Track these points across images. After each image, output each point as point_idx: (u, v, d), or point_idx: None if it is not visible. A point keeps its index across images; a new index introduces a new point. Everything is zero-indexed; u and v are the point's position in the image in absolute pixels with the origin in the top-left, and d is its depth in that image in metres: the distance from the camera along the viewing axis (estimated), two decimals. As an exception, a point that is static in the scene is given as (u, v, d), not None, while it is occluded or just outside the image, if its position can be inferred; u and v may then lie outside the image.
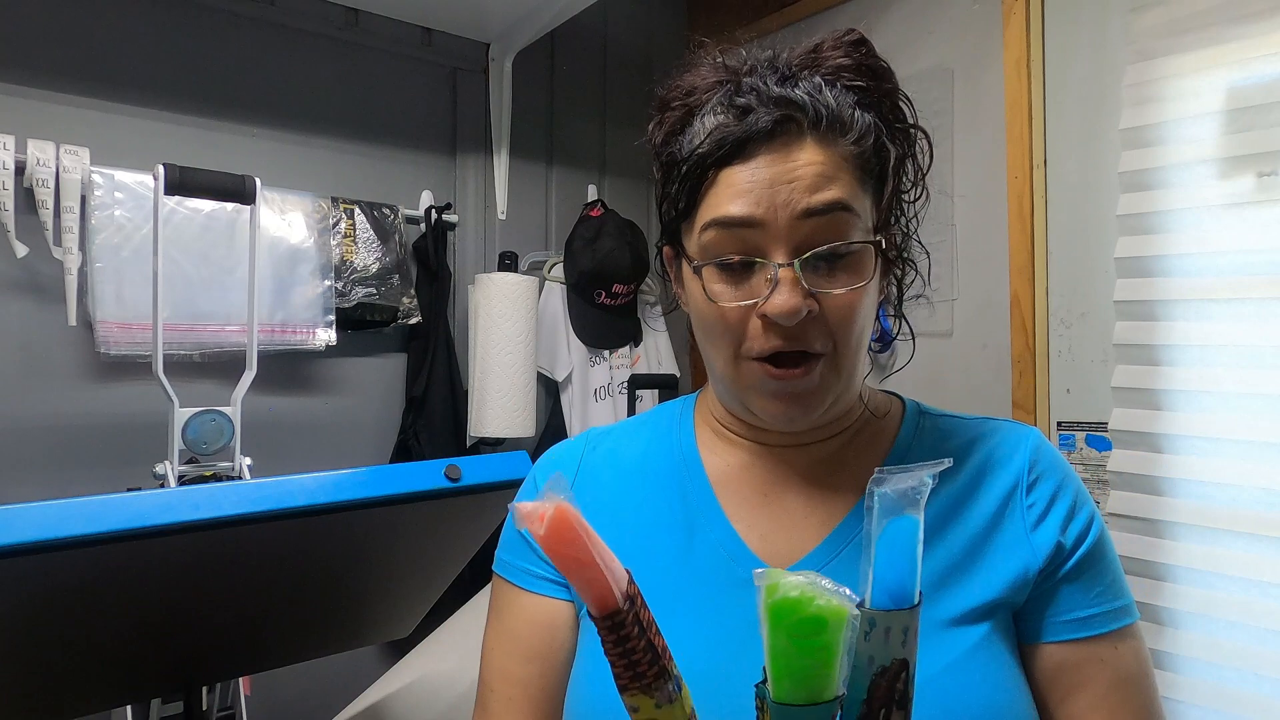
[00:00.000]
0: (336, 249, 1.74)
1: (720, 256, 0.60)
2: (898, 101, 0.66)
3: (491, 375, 1.81)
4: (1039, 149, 1.55)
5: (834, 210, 0.58)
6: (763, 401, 0.63)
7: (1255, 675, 1.25)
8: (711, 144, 0.60)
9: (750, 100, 0.60)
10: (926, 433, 0.70)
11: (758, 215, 0.58)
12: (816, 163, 0.59)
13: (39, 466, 1.49)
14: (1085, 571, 0.64)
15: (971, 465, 0.67)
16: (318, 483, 0.91)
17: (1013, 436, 0.69)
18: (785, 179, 0.58)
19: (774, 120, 0.59)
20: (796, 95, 0.60)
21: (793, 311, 0.57)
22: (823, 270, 0.59)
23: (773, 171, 0.58)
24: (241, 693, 1.36)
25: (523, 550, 0.72)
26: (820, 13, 1.95)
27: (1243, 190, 1.29)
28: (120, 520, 0.79)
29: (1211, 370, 1.32)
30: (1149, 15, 1.39)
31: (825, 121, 0.60)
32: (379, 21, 1.85)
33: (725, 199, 0.60)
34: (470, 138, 2.02)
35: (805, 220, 0.58)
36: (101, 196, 1.48)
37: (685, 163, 0.62)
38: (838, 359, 0.62)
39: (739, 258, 0.59)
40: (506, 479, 1.04)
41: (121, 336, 1.49)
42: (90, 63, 1.55)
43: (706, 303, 0.62)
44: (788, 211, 0.58)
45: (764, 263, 0.59)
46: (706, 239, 0.61)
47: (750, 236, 0.59)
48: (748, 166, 0.59)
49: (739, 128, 0.59)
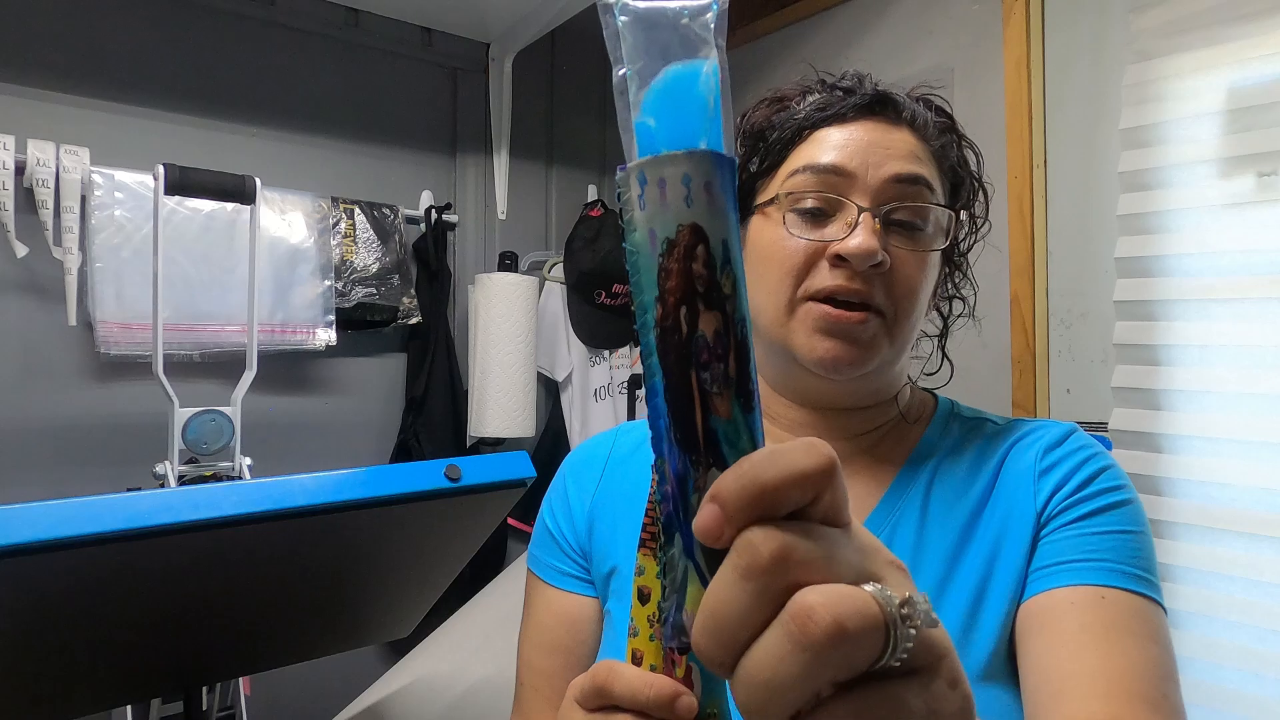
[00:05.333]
0: (336, 249, 1.74)
1: (806, 195, 0.62)
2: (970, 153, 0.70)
3: (491, 375, 1.81)
4: (1039, 149, 1.55)
5: (920, 183, 0.62)
6: (813, 340, 0.61)
7: (1255, 675, 1.25)
8: (813, 108, 0.64)
9: (852, 84, 0.66)
10: (955, 433, 0.68)
11: (850, 167, 0.61)
12: (910, 143, 0.63)
13: (39, 466, 1.49)
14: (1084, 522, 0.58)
15: (989, 468, 0.64)
16: (318, 483, 0.91)
17: (1037, 431, 0.66)
18: (880, 144, 0.62)
19: (874, 99, 0.64)
20: (896, 95, 0.65)
21: (869, 252, 0.58)
22: (897, 233, 0.62)
23: (870, 136, 0.62)
24: (241, 693, 1.36)
25: (551, 547, 0.74)
26: (821, 12, 1.95)
27: (1243, 190, 1.29)
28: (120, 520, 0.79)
29: (1212, 370, 1.32)
30: (1149, 15, 1.39)
31: (919, 122, 0.65)
32: (379, 21, 1.85)
33: (820, 150, 0.62)
34: (470, 138, 2.02)
35: (893, 184, 0.61)
36: (101, 196, 1.48)
37: (778, 128, 0.65)
38: (894, 325, 0.62)
39: (822, 199, 0.61)
40: (507, 479, 1.04)
41: (121, 336, 1.49)
42: (90, 63, 1.55)
43: (779, 239, 0.62)
44: (879, 171, 0.61)
45: (847, 204, 0.61)
46: (793, 182, 0.62)
47: (838, 184, 0.61)
48: (846, 128, 0.63)
49: (840, 96, 0.64)
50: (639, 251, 0.29)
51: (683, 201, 0.28)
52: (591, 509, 0.72)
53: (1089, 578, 0.56)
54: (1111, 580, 0.56)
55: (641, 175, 0.28)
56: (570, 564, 0.72)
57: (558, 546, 0.73)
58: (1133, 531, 0.59)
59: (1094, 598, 0.55)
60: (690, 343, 0.28)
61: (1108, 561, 0.56)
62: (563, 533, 0.73)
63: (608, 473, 0.73)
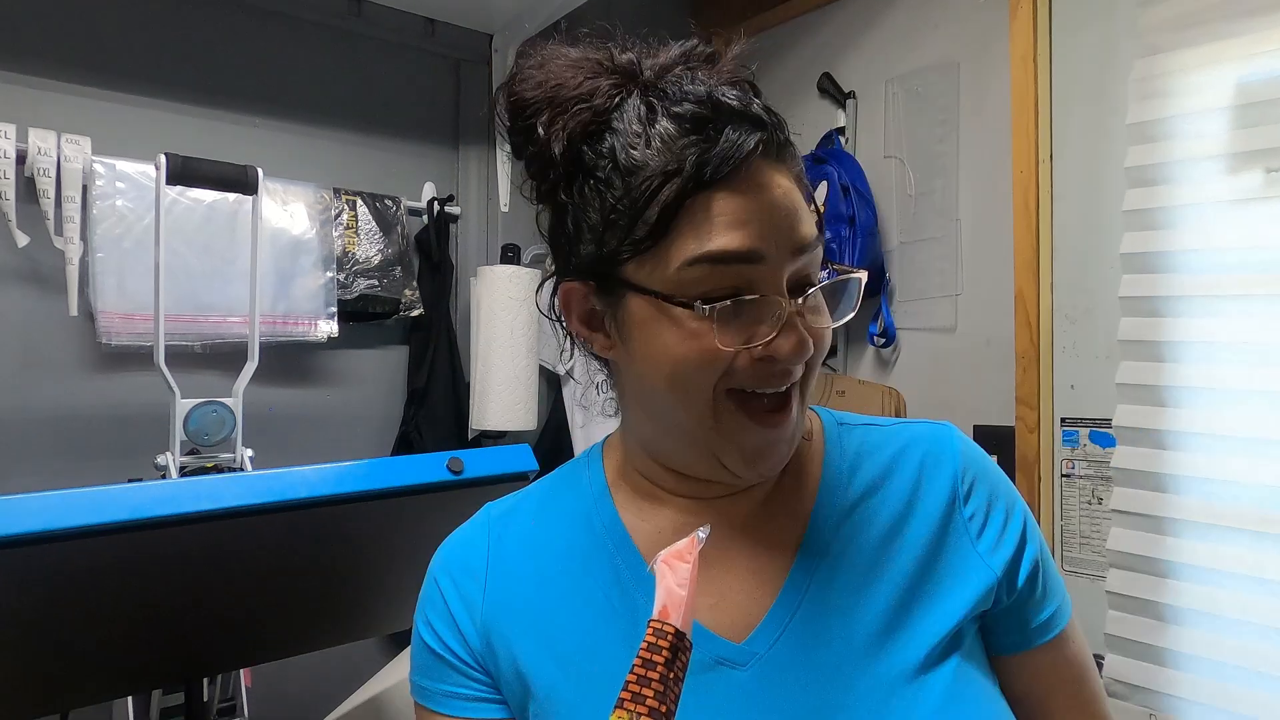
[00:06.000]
0: (338, 240, 1.74)
1: (713, 295, 0.52)
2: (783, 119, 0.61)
3: (493, 368, 1.81)
4: (1045, 144, 1.54)
5: (816, 245, 0.55)
6: (740, 456, 0.57)
7: (1258, 672, 1.24)
8: (691, 166, 0.51)
9: (708, 110, 0.53)
10: (851, 450, 0.65)
11: (761, 249, 0.52)
12: (790, 191, 0.54)
13: (40, 457, 1.49)
14: (1037, 573, 0.62)
15: (905, 481, 0.63)
16: (320, 475, 0.91)
17: (936, 440, 0.65)
18: (779, 208, 0.53)
19: (757, 140, 0.52)
20: (756, 110, 0.54)
21: (805, 352, 0.54)
22: (809, 305, 0.55)
23: (763, 200, 0.52)
24: (242, 684, 1.36)
25: (442, 671, 0.62)
26: (827, 5, 1.94)
27: (1250, 186, 1.29)
28: (122, 511, 0.79)
29: (1217, 367, 1.31)
30: (1156, 10, 1.38)
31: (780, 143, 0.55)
32: (381, 11, 1.84)
33: (716, 230, 0.51)
34: (473, 129, 2.01)
35: (800, 255, 0.54)
36: (103, 186, 1.47)
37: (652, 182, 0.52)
38: (806, 385, 0.58)
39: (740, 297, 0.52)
40: (509, 471, 1.04)
41: (123, 327, 1.48)
42: (92, 52, 1.55)
43: (686, 341, 0.53)
44: (788, 245, 0.53)
45: (770, 300, 0.53)
46: (691, 276, 0.52)
47: (749, 273, 0.52)
48: (737, 194, 0.52)
49: (718, 145, 0.51)
50: None
51: None
52: (484, 622, 0.61)
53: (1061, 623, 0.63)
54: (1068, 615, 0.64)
55: None
56: (471, 685, 0.62)
57: (450, 668, 0.62)
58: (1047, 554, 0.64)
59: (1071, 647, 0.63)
60: None
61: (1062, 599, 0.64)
62: (453, 651, 0.62)
63: (492, 577, 0.63)
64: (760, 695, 0.56)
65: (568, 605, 0.61)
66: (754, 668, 0.57)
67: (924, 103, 1.75)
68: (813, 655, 0.57)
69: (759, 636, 0.58)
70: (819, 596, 0.59)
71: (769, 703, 0.56)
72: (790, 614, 0.58)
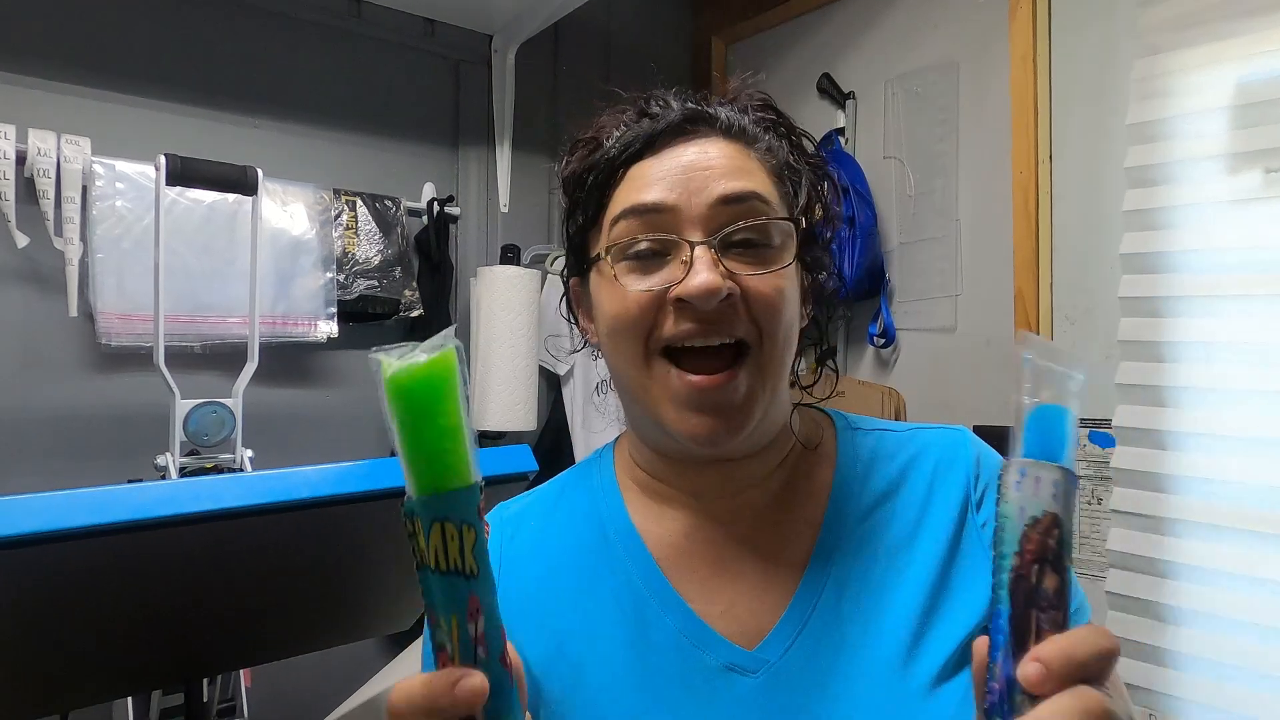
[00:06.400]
0: (338, 241, 1.74)
1: (632, 244, 0.57)
2: (802, 140, 0.64)
3: (493, 369, 1.81)
4: (1045, 144, 1.54)
5: (749, 199, 0.56)
6: (680, 417, 0.56)
7: (1258, 673, 1.24)
8: (620, 145, 0.59)
9: (658, 108, 0.60)
10: (865, 456, 0.65)
11: (669, 200, 0.56)
12: (730, 155, 0.58)
13: (40, 458, 1.49)
14: None
15: (918, 488, 0.62)
16: (320, 475, 0.91)
17: (950, 446, 0.64)
18: (699, 166, 0.57)
19: (684, 117, 0.59)
20: (707, 110, 0.60)
21: (712, 290, 0.53)
22: (740, 257, 0.56)
23: (685, 160, 0.57)
24: (242, 684, 1.36)
25: None
26: (827, 5, 1.94)
27: (1250, 186, 1.29)
28: (121, 512, 0.79)
29: (1217, 367, 1.31)
30: (1156, 10, 1.38)
31: (735, 130, 0.60)
32: (381, 12, 1.84)
33: (636, 189, 0.57)
34: (473, 130, 2.01)
35: (722, 207, 0.56)
36: (103, 187, 1.47)
37: (592, 172, 0.60)
38: (762, 356, 0.56)
39: (651, 242, 0.56)
40: (509, 472, 1.04)
41: (123, 328, 1.48)
42: (91, 52, 1.55)
43: (615, 296, 0.57)
44: (703, 196, 0.56)
45: (679, 241, 0.56)
46: (617, 231, 0.58)
47: (663, 222, 0.56)
48: (659, 158, 0.58)
49: (648, 125, 0.59)
50: (1009, 518, 0.41)
51: (1050, 496, 0.41)
52: None
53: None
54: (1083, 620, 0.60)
55: (1021, 469, 0.42)
56: None
57: None
58: None
59: None
60: (1036, 591, 0.40)
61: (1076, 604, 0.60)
62: None
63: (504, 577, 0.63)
64: (771, 703, 0.56)
65: (577, 608, 0.61)
66: (765, 675, 0.57)
67: (924, 103, 1.75)
68: (825, 664, 0.57)
69: (770, 644, 0.58)
70: (831, 605, 0.59)
71: (779, 711, 0.56)
72: (802, 622, 0.58)
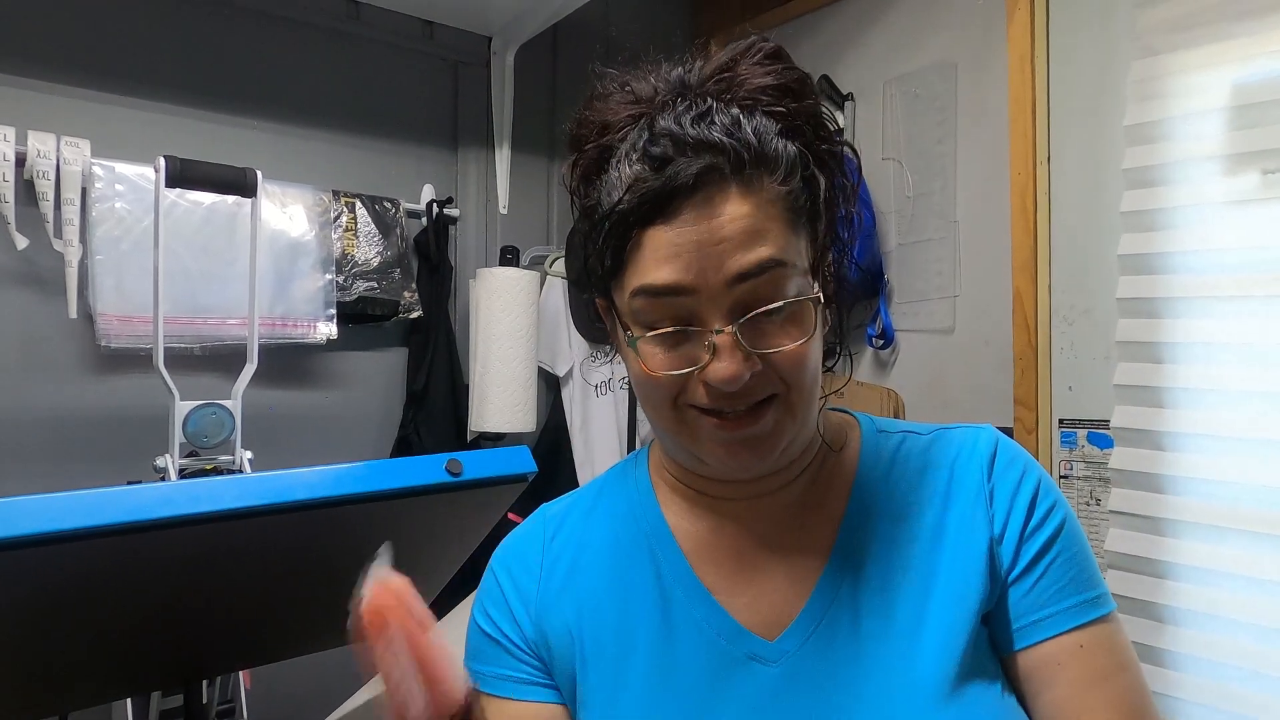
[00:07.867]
0: (337, 242, 1.74)
1: (653, 326, 0.57)
2: (821, 119, 0.61)
3: (492, 370, 1.81)
4: (1043, 145, 1.54)
5: (767, 270, 0.55)
6: (713, 449, 0.59)
7: (1257, 674, 1.25)
8: (632, 201, 0.55)
9: (666, 148, 0.55)
10: (887, 456, 0.66)
11: (687, 282, 0.54)
12: (743, 217, 0.54)
13: (39, 459, 1.49)
14: (1051, 565, 0.60)
15: (938, 487, 0.64)
16: (319, 477, 0.91)
17: (970, 444, 0.65)
18: (713, 240, 0.54)
19: (695, 174, 0.54)
20: (715, 137, 0.55)
21: (734, 378, 0.54)
22: (764, 328, 0.56)
23: (699, 232, 0.54)
24: (242, 686, 1.36)
25: (496, 655, 0.68)
26: (823, 7, 1.94)
27: (1247, 187, 1.29)
28: (121, 514, 0.79)
29: (1215, 368, 1.31)
30: (1154, 11, 1.38)
31: (749, 163, 0.55)
32: (380, 14, 1.85)
33: (651, 264, 0.55)
34: (472, 131, 2.01)
35: (740, 283, 0.55)
36: (102, 189, 1.47)
37: (608, 219, 0.57)
38: (791, 400, 0.58)
39: (673, 321, 0.56)
40: (508, 474, 1.04)
41: (122, 329, 1.48)
42: (91, 54, 1.55)
43: (637, 368, 0.59)
44: (720, 276, 0.54)
45: (699, 330, 0.56)
46: (636, 306, 0.57)
47: (682, 304, 0.55)
48: (672, 227, 0.55)
49: (659, 181, 0.54)
50: None
51: None
52: (538, 612, 0.66)
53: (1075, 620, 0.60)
54: (1090, 615, 0.60)
55: None
56: (525, 669, 0.66)
57: (504, 652, 0.67)
58: (1082, 548, 0.62)
59: (1073, 648, 0.59)
60: None
61: (1085, 597, 0.60)
62: (507, 636, 0.67)
63: (546, 571, 0.68)
64: (790, 693, 0.58)
65: (613, 597, 0.65)
66: (784, 665, 0.59)
67: (922, 104, 1.75)
68: (842, 656, 0.59)
69: (790, 635, 0.60)
70: (850, 599, 0.61)
71: (798, 700, 0.58)
72: (822, 614, 0.60)
